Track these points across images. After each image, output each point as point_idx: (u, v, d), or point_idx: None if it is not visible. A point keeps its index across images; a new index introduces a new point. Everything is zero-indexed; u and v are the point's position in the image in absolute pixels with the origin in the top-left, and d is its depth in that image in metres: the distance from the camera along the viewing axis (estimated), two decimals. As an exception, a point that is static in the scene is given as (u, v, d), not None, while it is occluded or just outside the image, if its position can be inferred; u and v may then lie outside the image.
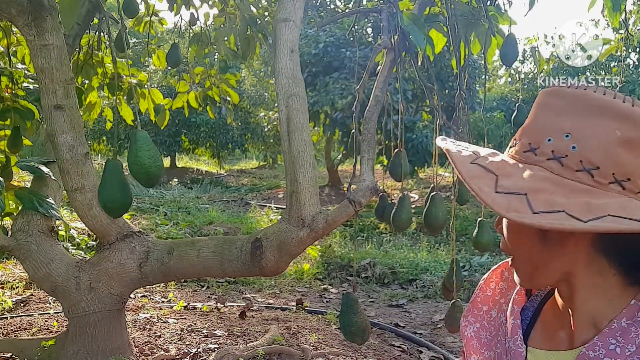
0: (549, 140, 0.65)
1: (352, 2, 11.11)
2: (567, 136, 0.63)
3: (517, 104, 2.00)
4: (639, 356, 0.61)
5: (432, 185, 1.63)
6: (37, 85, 2.01)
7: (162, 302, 3.78)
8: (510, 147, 0.71)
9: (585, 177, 0.61)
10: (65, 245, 4.32)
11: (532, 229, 0.65)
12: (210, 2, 3.74)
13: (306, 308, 3.82)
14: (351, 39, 7.98)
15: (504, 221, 0.73)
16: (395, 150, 1.82)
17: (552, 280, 0.71)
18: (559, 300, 0.74)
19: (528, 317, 0.79)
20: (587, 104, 0.64)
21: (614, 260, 0.65)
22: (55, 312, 3.24)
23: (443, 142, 0.76)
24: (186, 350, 2.62)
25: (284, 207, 1.93)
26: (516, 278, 0.75)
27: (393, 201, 1.92)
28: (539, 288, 0.79)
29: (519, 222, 0.59)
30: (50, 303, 3.49)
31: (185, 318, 3.30)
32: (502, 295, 0.85)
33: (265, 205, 8.63)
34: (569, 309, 0.70)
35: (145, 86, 3.53)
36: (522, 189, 0.61)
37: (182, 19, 3.91)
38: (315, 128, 10.34)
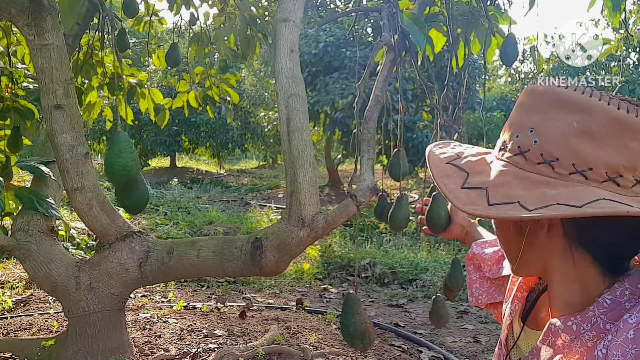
0: (517, 136, 0.68)
1: (352, 2, 11.11)
2: (531, 131, 0.66)
3: (516, 104, 2.00)
4: (592, 334, 0.64)
5: (432, 185, 1.62)
6: (37, 85, 2.01)
7: (162, 302, 3.78)
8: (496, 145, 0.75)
9: (547, 169, 0.64)
10: (65, 245, 4.32)
11: (509, 222, 0.73)
12: (210, 2, 3.74)
13: (306, 308, 3.82)
14: (351, 38, 7.98)
15: None
16: (395, 150, 1.81)
17: (534, 271, 0.75)
18: None
19: (532, 298, 0.84)
20: (551, 99, 0.66)
21: (587, 251, 0.67)
22: (55, 312, 3.24)
23: (430, 146, 0.81)
24: (186, 350, 2.62)
25: (284, 207, 1.93)
26: (510, 268, 0.80)
27: (392, 201, 1.92)
28: (527, 277, 0.84)
29: (472, 213, 0.64)
30: (50, 303, 3.49)
31: (185, 318, 3.30)
32: None
33: (265, 205, 8.63)
34: (549, 296, 0.74)
35: (145, 86, 3.53)
36: (485, 183, 0.66)
37: (182, 18, 3.92)
38: (315, 128, 10.34)
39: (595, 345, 0.62)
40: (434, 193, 1.48)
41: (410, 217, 1.76)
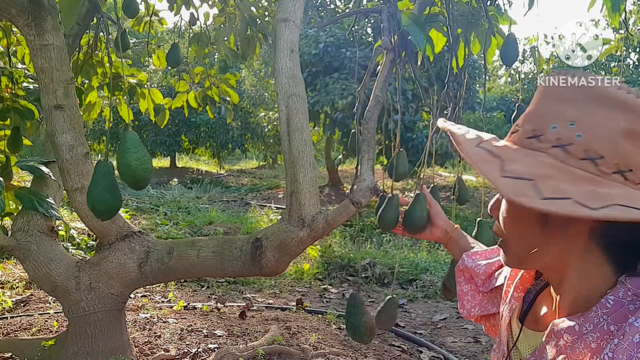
0: (554, 127, 0.65)
1: (352, 2, 11.11)
2: (572, 124, 0.64)
3: (517, 104, 2.00)
4: (595, 335, 0.63)
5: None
6: (37, 85, 2.01)
7: (162, 302, 3.78)
8: (512, 132, 0.72)
9: (589, 165, 0.62)
10: (65, 245, 4.32)
11: (533, 213, 0.67)
12: (210, 2, 3.74)
13: (306, 308, 3.82)
14: (351, 39, 7.98)
15: (503, 205, 0.75)
16: (396, 151, 1.81)
17: (543, 264, 0.73)
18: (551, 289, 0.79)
19: (529, 299, 0.84)
20: (592, 93, 0.65)
21: (604, 250, 0.67)
22: (55, 312, 3.24)
23: (444, 124, 0.78)
24: (186, 350, 2.62)
25: (284, 207, 1.93)
26: (503, 258, 0.78)
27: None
28: (528, 269, 0.83)
29: (530, 207, 0.59)
30: (50, 303, 3.49)
31: (185, 318, 3.30)
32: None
33: (265, 205, 8.63)
34: (557, 294, 0.73)
35: (145, 86, 3.53)
36: (530, 174, 0.62)
37: (182, 19, 3.91)
38: (315, 128, 10.35)
39: (599, 347, 0.62)
40: (417, 193, 1.45)
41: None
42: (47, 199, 2.21)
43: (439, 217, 1.32)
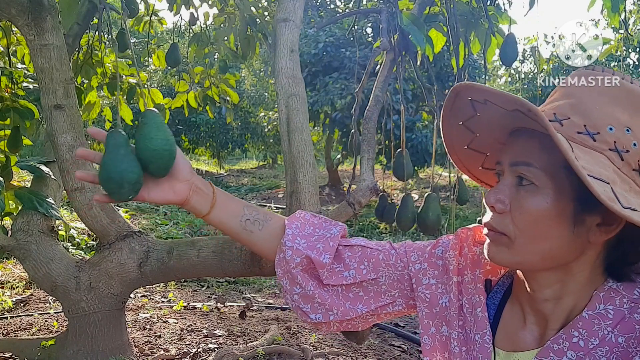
0: (610, 129, 0.60)
1: (352, 2, 11.11)
2: (627, 130, 0.60)
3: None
4: (604, 349, 0.60)
5: (431, 184, 1.62)
6: (37, 85, 2.01)
7: (162, 302, 3.78)
8: (551, 120, 0.63)
9: (638, 177, 0.60)
10: (65, 245, 4.33)
11: (567, 214, 0.61)
12: (210, 2, 3.74)
13: (306, 308, 3.82)
14: (351, 39, 7.98)
15: (525, 199, 0.64)
16: (398, 151, 1.81)
17: (543, 267, 0.66)
18: (520, 300, 0.72)
19: (491, 315, 0.74)
20: (637, 97, 0.62)
21: (606, 259, 0.64)
22: (55, 312, 3.24)
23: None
24: (186, 350, 2.62)
25: (284, 207, 1.93)
26: (495, 253, 0.67)
27: (393, 201, 1.92)
28: (526, 270, 0.71)
29: (622, 215, 0.54)
30: (50, 303, 3.49)
31: (185, 318, 3.30)
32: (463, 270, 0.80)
33: (265, 205, 8.63)
34: (547, 303, 0.67)
35: (145, 86, 3.53)
36: (606, 177, 0.57)
37: (182, 18, 3.92)
38: (315, 128, 10.35)
39: None
40: (428, 194, 1.45)
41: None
42: (47, 199, 2.21)
43: (184, 169, 0.91)
